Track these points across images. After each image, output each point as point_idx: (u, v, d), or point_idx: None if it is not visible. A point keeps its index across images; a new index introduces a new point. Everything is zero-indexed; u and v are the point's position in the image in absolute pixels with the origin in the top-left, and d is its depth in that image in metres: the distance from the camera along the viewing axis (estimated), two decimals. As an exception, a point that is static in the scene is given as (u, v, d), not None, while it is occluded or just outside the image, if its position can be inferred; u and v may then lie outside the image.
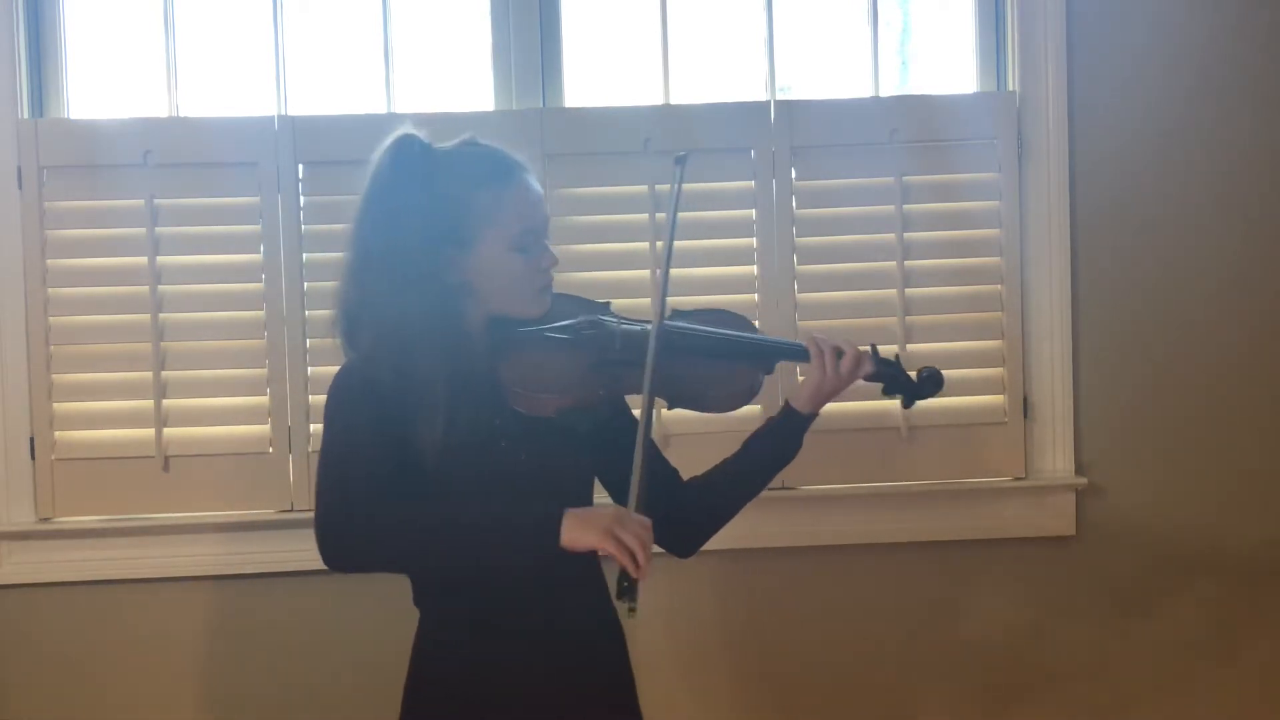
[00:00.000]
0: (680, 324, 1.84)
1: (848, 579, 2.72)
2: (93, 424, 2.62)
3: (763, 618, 2.71)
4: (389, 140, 1.74)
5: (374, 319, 1.71)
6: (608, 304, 1.88)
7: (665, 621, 2.69)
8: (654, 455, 1.89)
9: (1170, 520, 2.74)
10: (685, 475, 1.92)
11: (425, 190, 1.70)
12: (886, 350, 1.94)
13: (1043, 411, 2.71)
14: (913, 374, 1.94)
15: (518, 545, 1.62)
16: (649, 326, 1.78)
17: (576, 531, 1.59)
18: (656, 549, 1.85)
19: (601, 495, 1.88)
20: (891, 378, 1.92)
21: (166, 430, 2.61)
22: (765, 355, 1.86)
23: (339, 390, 1.70)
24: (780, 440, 1.86)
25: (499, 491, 1.70)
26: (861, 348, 1.88)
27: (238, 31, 2.73)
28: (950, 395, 2.67)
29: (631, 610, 1.60)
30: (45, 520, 2.62)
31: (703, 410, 1.84)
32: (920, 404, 2.62)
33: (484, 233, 1.71)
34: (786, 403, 1.87)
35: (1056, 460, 2.71)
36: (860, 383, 1.89)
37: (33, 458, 2.61)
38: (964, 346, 2.70)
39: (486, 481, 1.71)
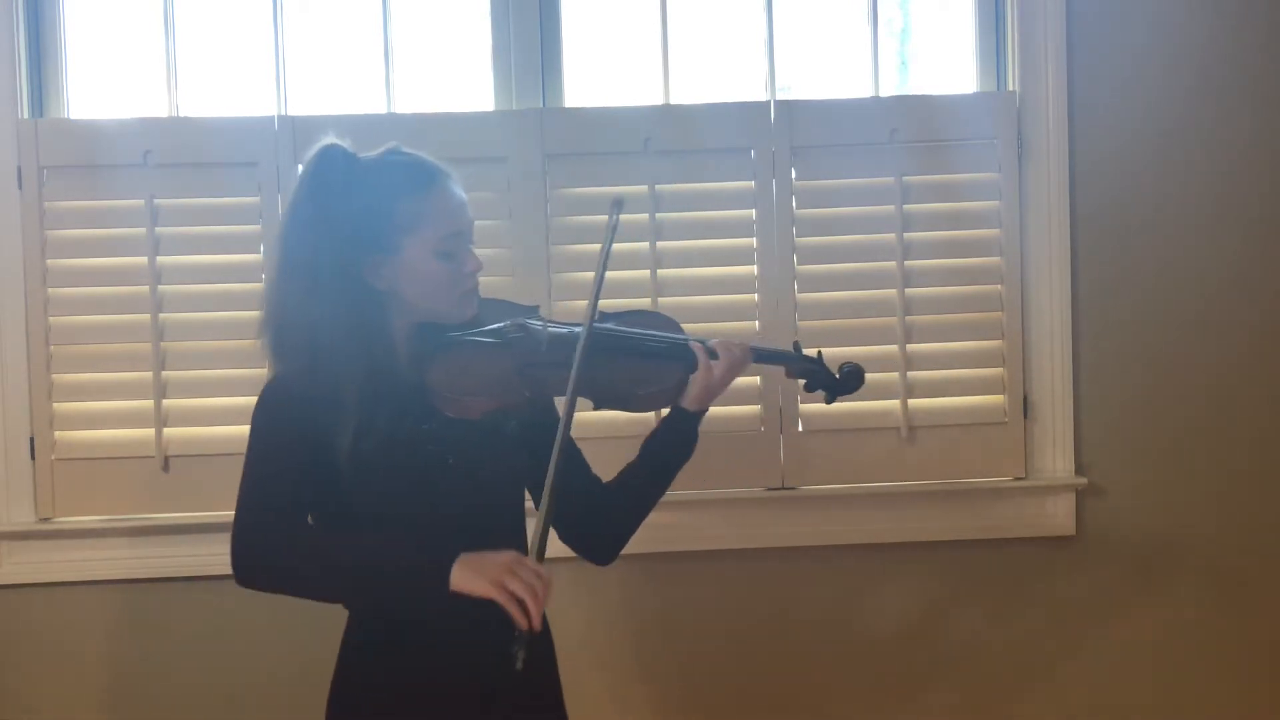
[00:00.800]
0: (606, 325, 1.85)
1: (848, 579, 2.72)
2: (93, 424, 2.62)
3: (762, 618, 2.71)
4: (313, 150, 1.76)
5: (289, 325, 1.73)
6: (536, 307, 1.90)
7: (664, 621, 2.69)
8: (580, 466, 1.91)
9: (1170, 520, 2.74)
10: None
11: (346, 199, 1.72)
12: (820, 350, 1.99)
13: (1043, 411, 2.71)
14: (835, 370, 1.98)
15: (409, 588, 1.65)
16: (576, 329, 1.79)
17: (466, 579, 1.61)
18: (576, 558, 1.92)
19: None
20: (810, 373, 1.97)
21: (166, 430, 2.61)
22: (681, 355, 1.87)
23: (262, 406, 1.73)
24: (674, 438, 1.88)
25: (429, 495, 1.72)
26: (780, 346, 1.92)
27: (238, 31, 2.73)
28: (950, 395, 2.69)
29: (519, 661, 1.59)
30: (45, 520, 2.62)
31: (629, 410, 1.86)
32: (919, 404, 2.67)
33: (406, 240, 1.73)
34: (674, 402, 1.89)
35: (1056, 460, 2.71)
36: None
37: (33, 458, 2.61)
38: (964, 346, 2.70)
39: (415, 486, 1.72)
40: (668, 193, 2.65)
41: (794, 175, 2.67)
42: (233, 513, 1.68)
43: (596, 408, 1.83)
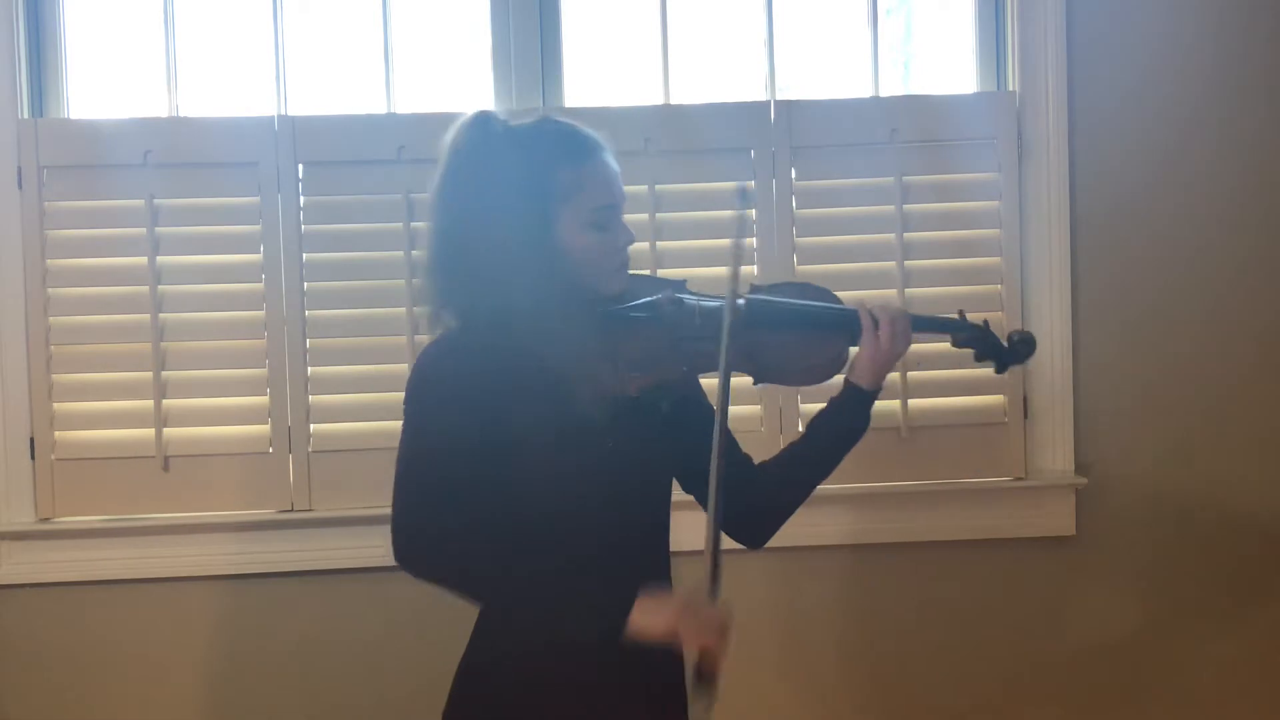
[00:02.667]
0: (758, 296, 1.80)
1: (848, 579, 2.71)
2: (93, 424, 2.62)
3: (761, 618, 2.71)
4: (468, 117, 1.72)
5: (484, 295, 1.68)
6: (684, 282, 1.85)
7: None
8: (731, 444, 1.81)
9: (1170, 520, 2.74)
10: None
11: (506, 167, 1.69)
12: (976, 316, 1.91)
13: (1043, 411, 2.71)
14: (1003, 339, 1.91)
15: (583, 621, 1.62)
16: (722, 303, 1.73)
17: (644, 621, 1.58)
18: (729, 542, 1.82)
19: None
20: (978, 342, 1.88)
21: (166, 430, 2.61)
22: (844, 323, 1.81)
23: (426, 375, 1.67)
24: (844, 417, 1.81)
25: (589, 478, 1.68)
26: (952, 316, 1.86)
27: (238, 31, 2.73)
28: (950, 395, 2.69)
29: (707, 708, 1.56)
30: (45, 520, 2.62)
31: (788, 384, 1.80)
32: (919, 404, 2.66)
33: (562, 210, 1.69)
34: (846, 379, 1.82)
35: (1056, 460, 2.71)
36: (954, 350, 1.87)
37: (33, 458, 2.61)
38: (964, 346, 2.70)
39: (578, 470, 1.67)
40: (668, 193, 2.65)
41: (794, 175, 2.67)
42: (236, 512, 1.66)
43: (756, 382, 1.79)
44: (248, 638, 2.65)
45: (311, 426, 2.61)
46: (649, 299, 1.77)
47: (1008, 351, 1.90)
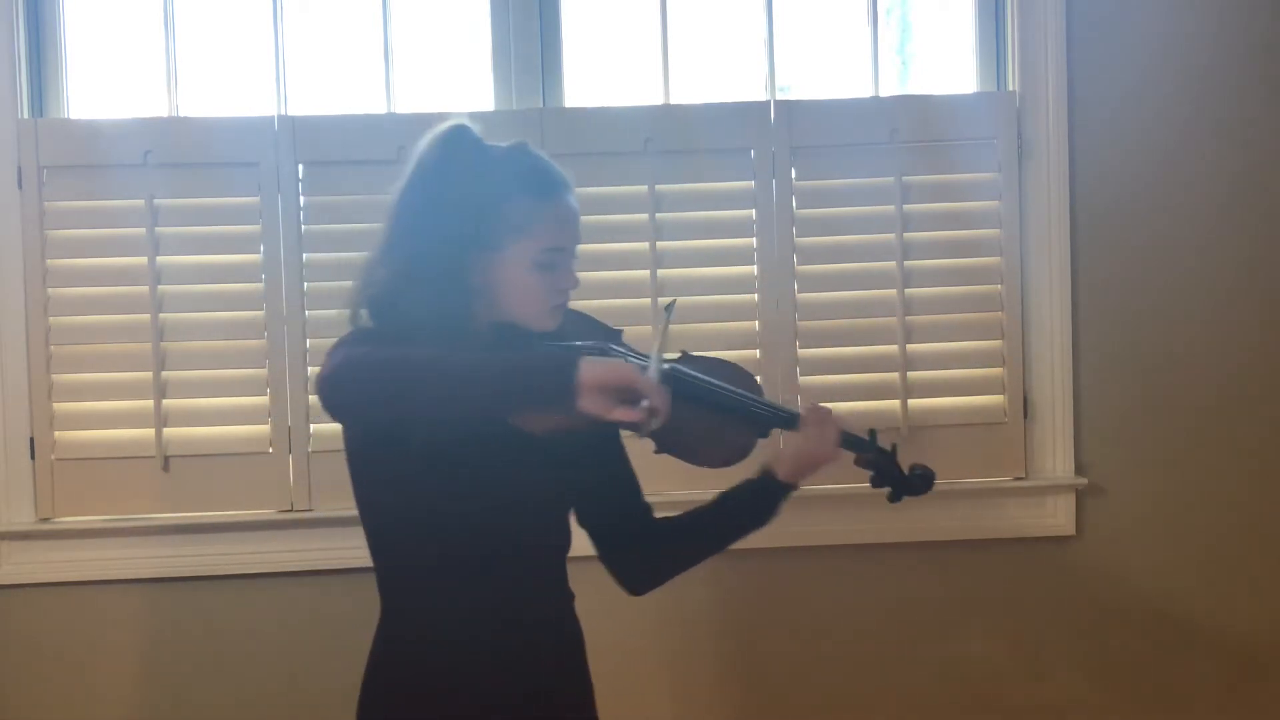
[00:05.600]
0: (682, 368, 1.78)
1: (847, 579, 2.71)
2: (93, 424, 2.62)
3: (760, 618, 2.71)
4: (442, 128, 1.71)
5: (390, 303, 1.68)
6: (620, 332, 1.84)
7: (659, 622, 2.68)
8: (631, 489, 1.87)
9: (1170, 520, 2.74)
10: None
11: (467, 186, 1.68)
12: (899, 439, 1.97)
13: (1043, 411, 2.71)
14: (904, 468, 1.91)
15: (539, 382, 1.50)
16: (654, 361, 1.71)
17: (591, 370, 1.47)
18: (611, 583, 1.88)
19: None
20: (877, 465, 1.89)
21: (166, 430, 2.61)
22: (762, 421, 1.81)
23: (341, 340, 1.68)
24: (754, 505, 1.84)
25: (481, 497, 1.68)
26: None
27: (238, 31, 2.73)
28: (950, 395, 2.69)
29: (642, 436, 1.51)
30: (45, 520, 2.62)
31: (690, 462, 1.77)
32: (919, 404, 2.66)
33: (512, 241, 1.68)
34: (765, 465, 1.83)
35: (1056, 460, 2.71)
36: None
37: (33, 458, 2.61)
38: (964, 346, 2.70)
39: (472, 486, 1.68)
40: (668, 193, 2.65)
41: (794, 175, 2.67)
42: (236, 512, 1.67)
43: (657, 451, 1.77)
44: (247, 638, 2.65)
45: (311, 426, 2.61)
46: (578, 344, 1.74)
47: (904, 481, 1.91)
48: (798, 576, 2.70)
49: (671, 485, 1.97)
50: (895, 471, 1.91)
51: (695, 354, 1.86)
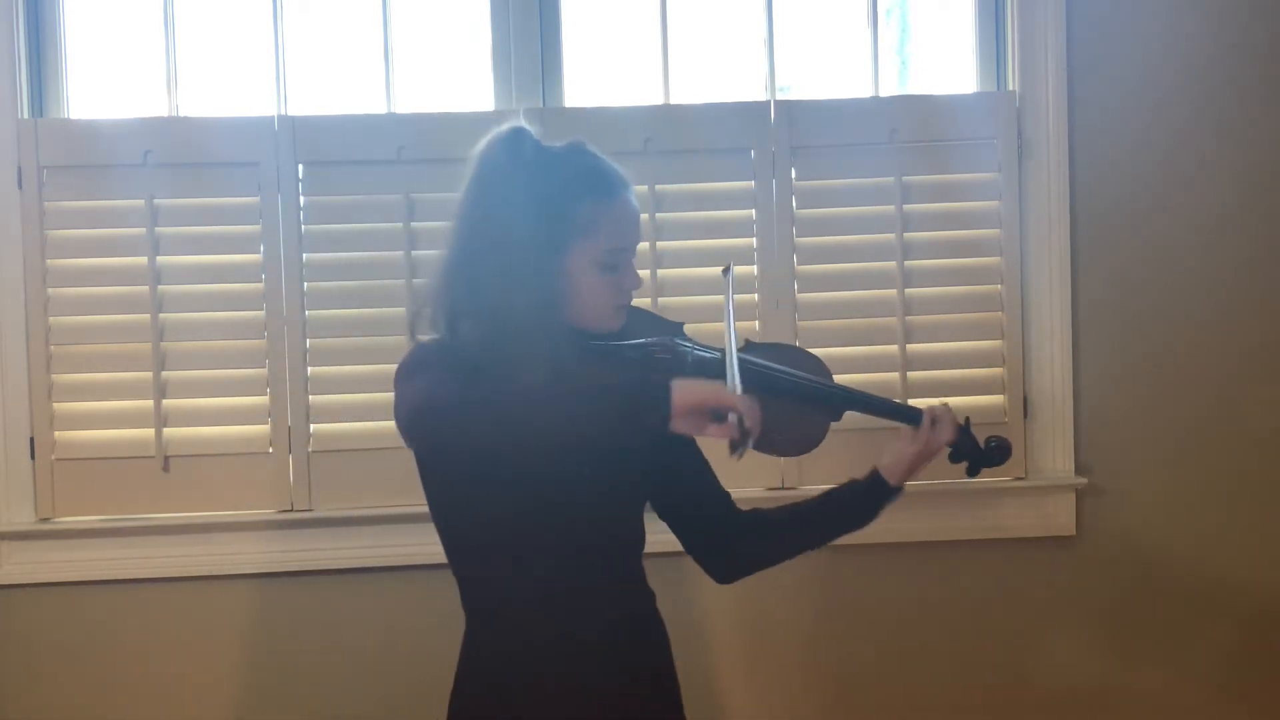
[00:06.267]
0: (757, 360, 1.78)
1: (847, 579, 2.71)
2: (93, 424, 2.62)
3: (760, 618, 2.71)
4: (503, 130, 1.70)
5: (479, 309, 1.65)
6: (681, 325, 1.85)
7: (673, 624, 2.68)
8: (706, 479, 1.87)
9: (1170, 520, 2.74)
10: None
11: (533, 188, 1.67)
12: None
13: (1043, 411, 2.71)
14: (980, 442, 1.94)
15: (636, 402, 1.51)
16: (719, 354, 1.74)
17: (683, 392, 1.49)
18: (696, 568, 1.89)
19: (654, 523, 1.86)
20: (957, 442, 1.91)
21: (166, 430, 2.61)
22: (835, 404, 1.81)
23: (419, 358, 1.65)
24: (859, 506, 1.85)
25: (559, 500, 1.67)
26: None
27: (238, 31, 2.73)
28: (950, 395, 2.69)
29: (738, 455, 1.52)
30: (45, 520, 2.62)
31: (764, 451, 1.76)
32: (920, 403, 2.65)
33: (576, 243, 1.67)
34: (875, 470, 1.84)
35: (1056, 460, 2.71)
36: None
37: (33, 458, 2.61)
38: (964, 346, 2.70)
39: (548, 490, 1.66)
40: (668, 193, 2.65)
41: (794, 175, 2.67)
42: (236, 512, 1.67)
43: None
44: (247, 638, 2.65)
45: (311, 426, 2.61)
46: (645, 340, 1.76)
47: (982, 454, 1.93)
48: (797, 577, 2.70)
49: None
50: (973, 444, 1.91)
51: (757, 343, 1.87)
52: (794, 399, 1.78)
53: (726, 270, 1.81)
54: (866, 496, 1.85)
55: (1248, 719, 2.77)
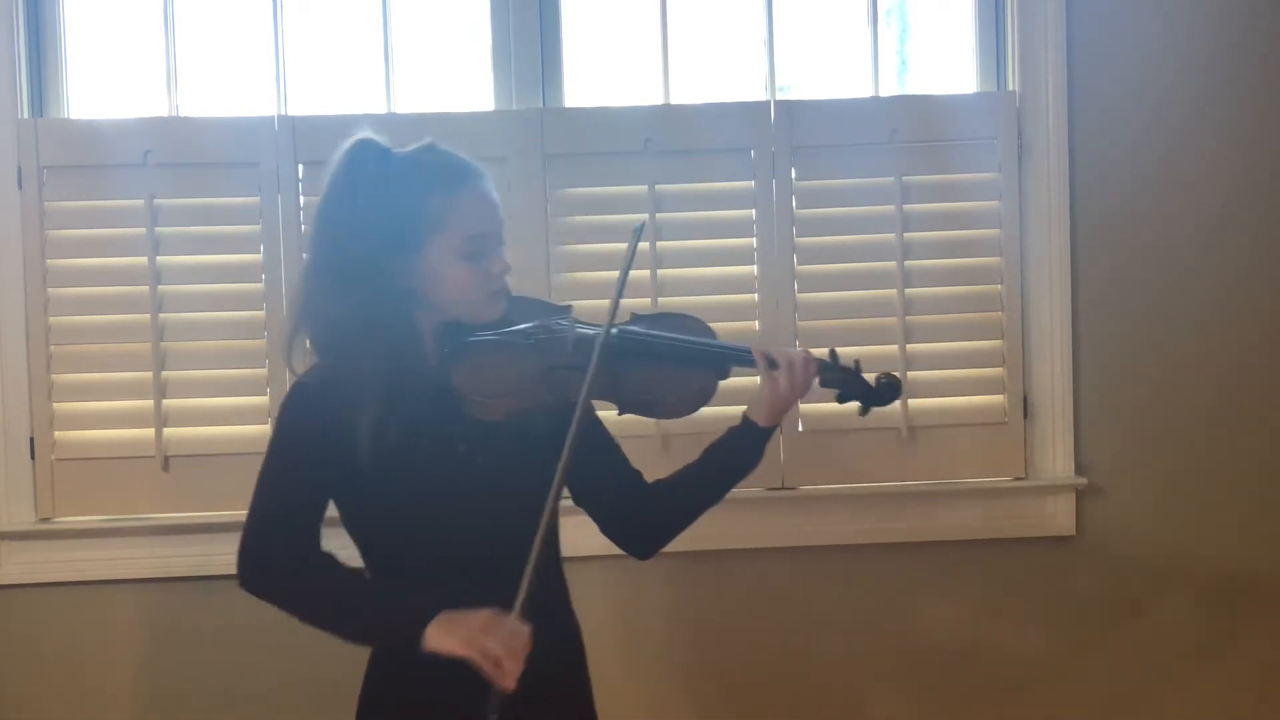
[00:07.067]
0: (631, 328, 1.82)
1: (848, 579, 2.71)
2: (93, 424, 2.62)
3: (762, 618, 2.71)
4: (346, 143, 1.75)
5: (315, 323, 1.73)
6: (568, 308, 1.87)
7: (662, 622, 2.69)
8: (615, 458, 1.89)
9: (1170, 520, 2.74)
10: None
11: (376, 195, 1.71)
12: (860, 356, 1.92)
13: (1043, 411, 2.71)
14: (871, 380, 1.90)
15: (384, 639, 1.68)
16: (601, 331, 1.77)
17: (439, 638, 1.60)
18: (617, 551, 1.91)
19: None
20: (845, 383, 1.89)
21: (166, 430, 2.61)
22: (716, 361, 1.83)
23: (286, 407, 1.72)
24: (739, 452, 1.85)
25: (456, 495, 1.71)
26: (817, 352, 1.86)
27: (237, 31, 2.73)
28: (950, 395, 2.69)
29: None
30: (45, 520, 2.62)
31: (653, 416, 1.82)
32: (919, 404, 2.66)
33: (431, 239, 1.71)
34: (745, 414, 1.85)
35: (1056, 460, 2.71)
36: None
37: (33, 458, 2.61)
38: (964, 346, 2.70)
39: (443, 486, 1.71)
40: (668, 193, 2.65)
41: (794, 175, 2.67)
42: (235, 512, 1.69)
43: (620, 413, 1.80)
44: (247, 638, 2.65)
45: (311, 426, 2.61)
46: (522, 326, 1.79)
47: (873, 392, 1.90)
48: (798, 576, 2.70)
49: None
50: (862, 385, 1.89)
51: (644, 314, 1.89)
52: (674, 362, 1.80)
53: (639, 229, 1.82)
54: (745, 441, 1.84)
55: (1249, 717, 2.77)
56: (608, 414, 1.84)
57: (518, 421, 1.73)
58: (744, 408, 1.85)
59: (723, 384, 1.83)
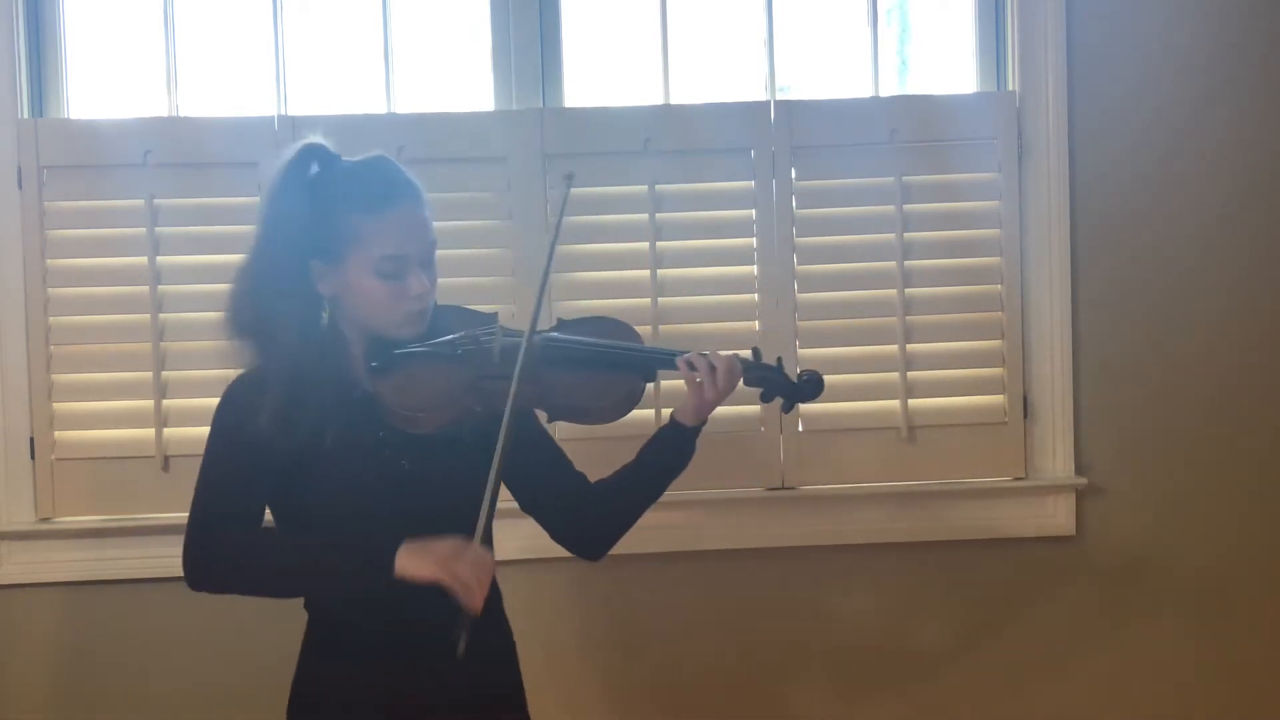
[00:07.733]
0: (555, 335, 1.83)
1: (848, 579, 2.71)
2: (93, 424, 2.62)
3: (762, 618, 2.71)
4: (294, 146, 1.79)
5: (238, 322, 1.79)
6: (494, 315, 1.88)
7: (663, 622, 2.69)
8: (559, 464, 1.92)
9: (1170, 521, 2.74)
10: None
11: (308, 201, 1.75)
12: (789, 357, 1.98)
13: (1043, 411, 2.71)
14: (793, 377, 1.92)
15: (355, 578, 1.69)
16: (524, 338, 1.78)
17: (410, 563, 1.64)
18: (566, 554, 1.95)
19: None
20: (766, 381, 1.91)
21: (166, 430, 2.61)
22: (639, 365, 1.85)
23: (221, 405, 1.79)
24: (670, 451, 1.88)
25: (385, 500, 1.74)
26: (743, 354, 1.89)
27: (237, 31, 2.73)
28: (950, 395, 2.69)
29: (461, 646, 1.62)
30: (45, 520, 2.62)
31: (583, 421, 1.83)
32: (919, 404, 2.66)
33: (350, 253, 1.74)
34: (672, 415, 1.89)
35: (1056, 460, 2.71)
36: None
37: (33, 458, 2.61)
38: (964, 346, 2.70)
39: (370, 491, 1.74)
40: (668, 193, 2.65)
41: (794, 175, 2.67)
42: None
43: (550, 420, 1.83)
44: (247, 638, 2.64)
45: (311, 426, 2.61)
46: (447, 339, 1.80)
47: (794, 388, 1.92)
48: (798, 576, 2.70)
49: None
50: (784, 382, 1.92)
51: (570, 319, 1.91)
52: (599, 367, 1.82)
53: (568, 177, 1.84)
54: (673, 441, 1.88)
55: (1249, 716, 2.77)
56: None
57: (443, 433, 1.75)
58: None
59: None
